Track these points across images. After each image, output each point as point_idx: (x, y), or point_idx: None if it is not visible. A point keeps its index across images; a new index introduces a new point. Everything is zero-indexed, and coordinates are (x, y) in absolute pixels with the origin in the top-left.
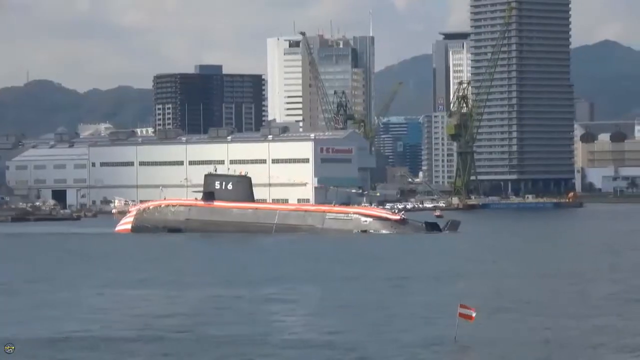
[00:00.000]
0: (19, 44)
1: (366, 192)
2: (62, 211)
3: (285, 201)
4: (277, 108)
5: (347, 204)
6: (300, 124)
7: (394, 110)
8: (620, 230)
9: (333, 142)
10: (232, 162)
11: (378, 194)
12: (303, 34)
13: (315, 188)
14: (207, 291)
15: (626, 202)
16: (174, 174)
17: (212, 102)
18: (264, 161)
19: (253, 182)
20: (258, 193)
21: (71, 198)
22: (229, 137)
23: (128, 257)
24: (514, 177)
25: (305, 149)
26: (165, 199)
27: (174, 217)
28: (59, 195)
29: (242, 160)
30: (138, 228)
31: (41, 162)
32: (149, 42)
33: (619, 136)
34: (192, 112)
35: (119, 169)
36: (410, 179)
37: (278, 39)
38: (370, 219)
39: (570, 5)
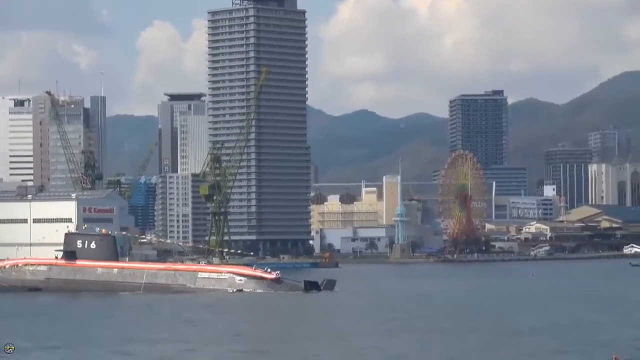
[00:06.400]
0: None
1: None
2: None
3: None
4: (1, 168)
5: None
6: (30, 183)
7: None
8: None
9: (94, 202)
10: None
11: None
12: (49, 93)
13: None
14: None
15: (369, 262)
16: None
17: None
18: (25, 221)
19: (14, 241)
20: (19, 253)
21: None
22: None
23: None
24: (253, 237)
25: (68, 208)
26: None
27: (33, 277)
28: None
29: (2, 220)
30: None
31: None
32: None
33: (348, 198)
34: None
35: None
36: (161, 239)
37: (3, 98)
38: (245, 278)
39: (307, 69)
